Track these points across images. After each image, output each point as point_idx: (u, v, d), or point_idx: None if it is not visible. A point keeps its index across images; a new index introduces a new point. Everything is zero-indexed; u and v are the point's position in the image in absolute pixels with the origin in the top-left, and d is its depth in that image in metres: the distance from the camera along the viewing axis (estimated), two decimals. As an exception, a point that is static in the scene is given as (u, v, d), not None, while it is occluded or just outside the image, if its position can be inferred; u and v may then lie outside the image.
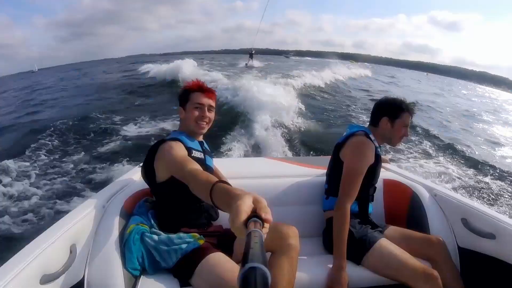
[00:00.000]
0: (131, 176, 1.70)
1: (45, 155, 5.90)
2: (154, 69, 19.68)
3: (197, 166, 1.14)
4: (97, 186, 4.26)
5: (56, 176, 4.89)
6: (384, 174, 1.84)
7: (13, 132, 8.24)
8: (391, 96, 1.65)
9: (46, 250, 1.02)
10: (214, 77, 13.07)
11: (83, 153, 5.96)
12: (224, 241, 1.34)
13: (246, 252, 0.41)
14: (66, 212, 1.39)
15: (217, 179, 0.85)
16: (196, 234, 1.30)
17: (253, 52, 27.28)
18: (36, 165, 5.43)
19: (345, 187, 1.44)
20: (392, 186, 1.79)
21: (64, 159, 5.69)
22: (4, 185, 4.48)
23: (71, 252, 1.13)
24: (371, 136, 1.55)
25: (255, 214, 0.55)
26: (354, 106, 11.61)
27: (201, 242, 1.26)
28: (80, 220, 1.24)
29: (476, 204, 1.51)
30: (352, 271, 1.36)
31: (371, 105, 1.76)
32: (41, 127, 7.93)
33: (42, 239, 1.08)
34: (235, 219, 0.55)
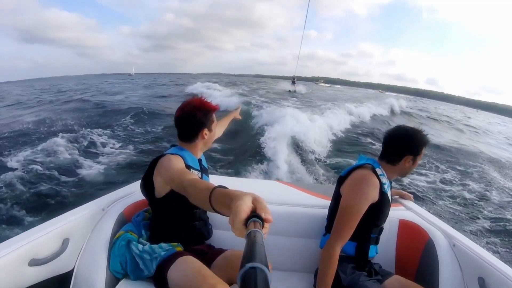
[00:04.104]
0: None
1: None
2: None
3: (196, 177, 1.15)
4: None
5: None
6: (402, 213, 1.68)
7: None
8: (404, 126, 1.43)
9: (39, 239, 1.16)
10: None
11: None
12: (206, 259, 1.33)
13: (246, 252, 0.41)
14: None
15: (217, 185, 0.83)
16: (175, 243, 1.35)
17: (295, 79, 32.09)
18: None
19: (337, 226, 1.30)
20: (408, 229, 1.60)
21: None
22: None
23: (62, 244, 1.27)
24: (378, 170, 1.37)
25: (255, 214, 0.55)
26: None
27: (178, 249, 1.32)
28: (78, 218, 1.35)
29: (496, 261, 1.25)
30: None
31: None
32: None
33: (37, 229, 1.21)
34: (235, 219, 0.55)
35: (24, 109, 15.24)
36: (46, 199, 4.69)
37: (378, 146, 9.89)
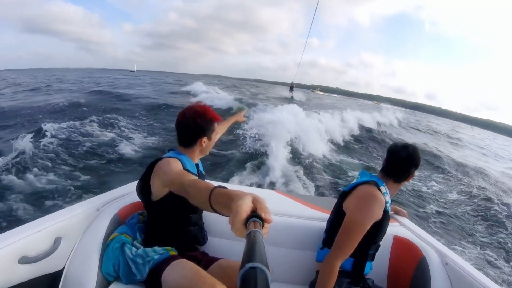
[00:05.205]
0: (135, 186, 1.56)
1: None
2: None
3: (196, 178, 1.17)
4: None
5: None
6: (397, 230, 1.70)
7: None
8: (411, 145, 1.46)
9: (31, 236, 1.15)
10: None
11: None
12: (200, 266, 1.27)
13: (246, 252, 0.42)
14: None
15: (217, 185, 0.86)
16: (170, 248, 1.35)
17: (294, 85, 33.26)
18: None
19: (340, 242, 1.31)
20: (402, 245, 1.63)
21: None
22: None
23: (54, 243, 1.25)
24: (382, 188, 1.39)
25: (255, 214, 0.56)
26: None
27: (172, 253, 1.32)
28: (72, 217, 1.34)
29: (488, 281, 1.29)
30: None
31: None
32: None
33: (29, 226, 1.20)
34: (235, 219, 0.56)
35: (48, 95, 16.69)
36: (96, 170, 5.87)
37: (371, 149, 10.98)
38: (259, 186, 5.64)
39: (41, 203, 4.27)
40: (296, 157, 7.38)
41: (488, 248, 4.87)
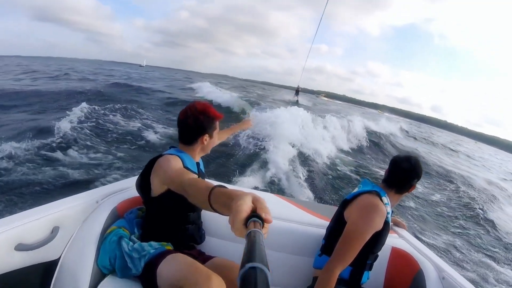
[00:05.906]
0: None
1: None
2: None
3: (195, 176, 1.18)
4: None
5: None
6: (395, 241, 1.71)
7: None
8: (413, 157, 1.49)
9: (28, 224, 1.15)
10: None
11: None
12: None
13: (246, 252, 0.42)
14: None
15: (216, 184, 0.86)
16: (165, 243, 1.35)
17: (300, 89, 33.09)
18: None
19: (340, 250, 1.32)
20: (399, 257, 1.64)
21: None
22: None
23: (52, 232, 1.25)
24: (384, 199, 1.41)
25: (255, 214, 0.56)
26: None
27: (168, 248, 1.33)
28: (71, 207, 1.34)
29: None
30: None
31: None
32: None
33: (27, 213, 1.20)
34: (235, 218, 0.56)
35: (68, 83, 17.64)
36: (129, 152, 6.67)
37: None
38: (258, 188, 5.55)
39: (84, 174, 5.03)
40: (297, 160, 7.43)
41: (457, 238, 5.58)
